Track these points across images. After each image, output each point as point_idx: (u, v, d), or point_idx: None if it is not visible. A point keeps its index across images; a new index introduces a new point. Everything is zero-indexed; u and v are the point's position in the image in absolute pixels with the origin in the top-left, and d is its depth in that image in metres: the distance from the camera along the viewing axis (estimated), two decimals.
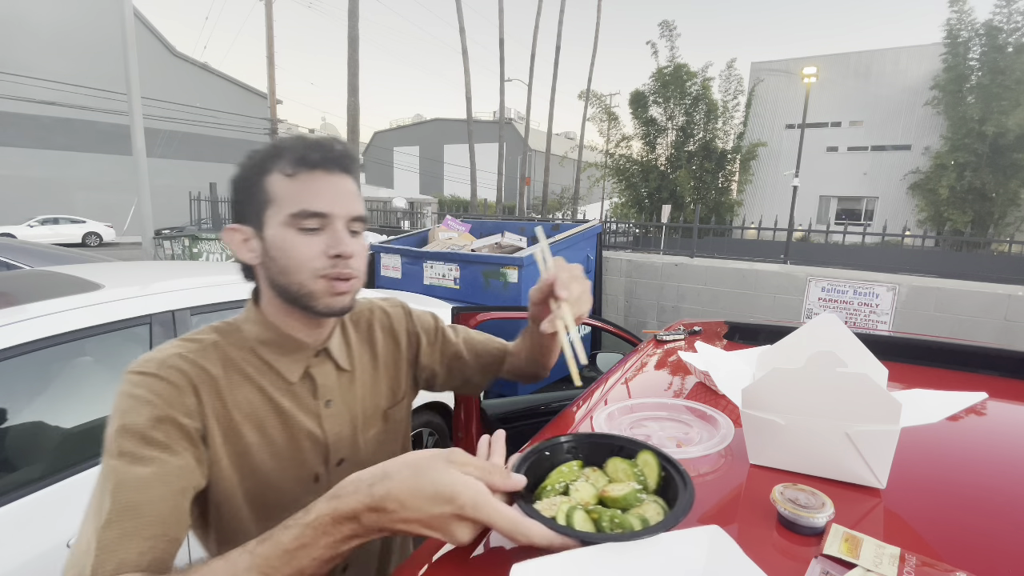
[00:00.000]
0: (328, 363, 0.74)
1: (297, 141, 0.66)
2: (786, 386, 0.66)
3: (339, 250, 0.64)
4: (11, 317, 1.28)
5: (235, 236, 0.67)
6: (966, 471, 0.71)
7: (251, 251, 0.67)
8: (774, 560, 0.51)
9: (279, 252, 0.64)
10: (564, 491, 0.56)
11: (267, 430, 0.67)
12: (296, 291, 0.65)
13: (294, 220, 0.63)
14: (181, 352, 0.63)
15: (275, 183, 0.64)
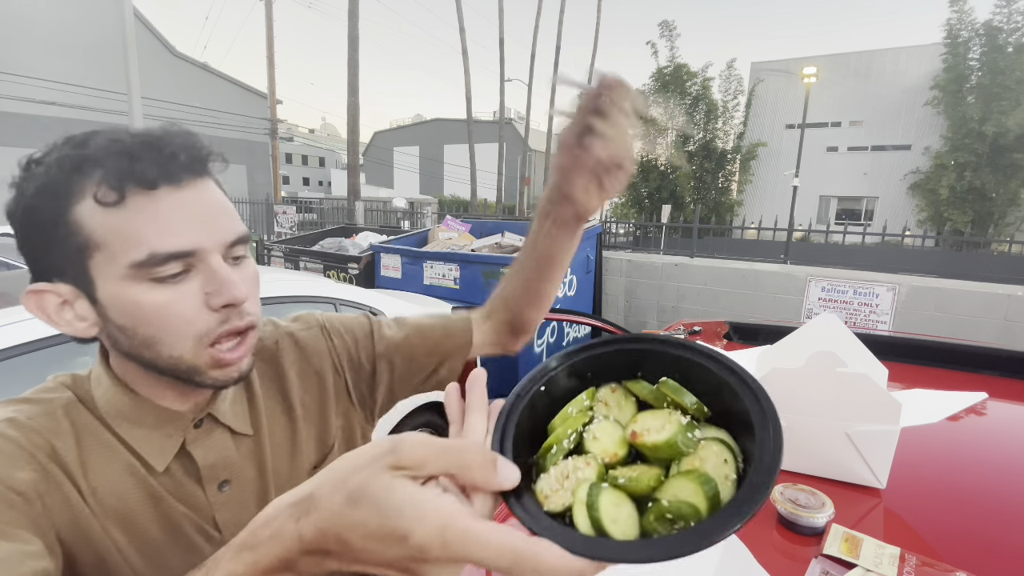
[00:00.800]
0: (217, 431, 0.52)
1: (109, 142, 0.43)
2: (786, 386, 0.66)
3: (227, 298, 0.44)
4: (11, 317, 1.28)
5: (45, 301, 0.45)
6: (966, 471, 0.71)
7: (80, 319, 0.45)
8: (774, 560, 0.51)
9: (130, 320, 0.43)
10: (576, 447, 0.35)
11: (141, 528, 0.47)
12: (173, 367, 0.45)
13: (141, 271, 0.42)
14: (13, 418, 0.44)
15: (91, 217, 0.41)
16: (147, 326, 0.43)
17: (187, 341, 0.44)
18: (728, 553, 0.45)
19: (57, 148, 0.43)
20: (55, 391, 0.49)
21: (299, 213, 9.80)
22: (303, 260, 5.29)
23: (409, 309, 2.60)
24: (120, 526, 0.46)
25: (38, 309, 0.45)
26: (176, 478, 0.49)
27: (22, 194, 0.43)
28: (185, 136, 0.47)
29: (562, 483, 0.32)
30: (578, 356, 0.41)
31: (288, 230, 9.06)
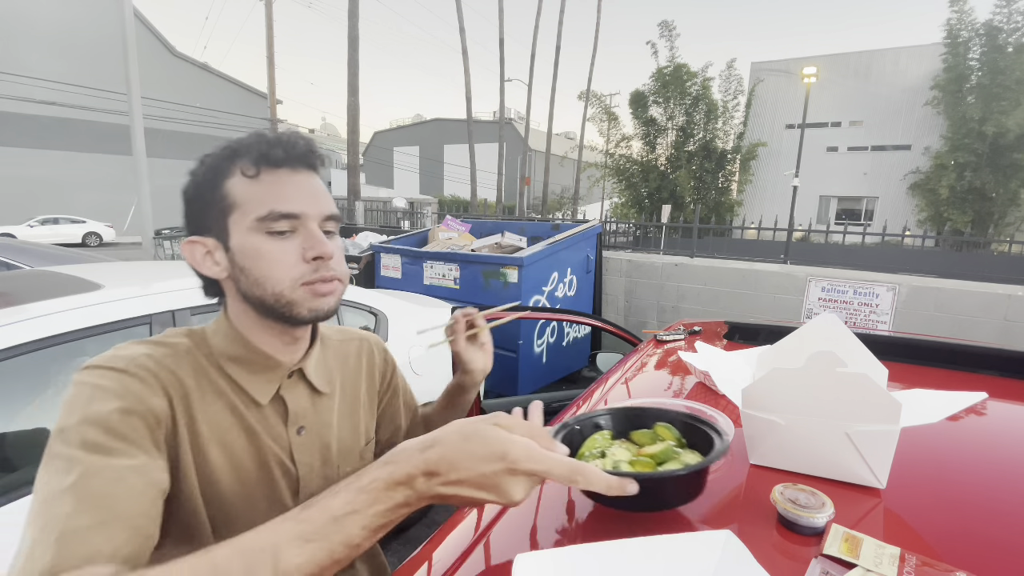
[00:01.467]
0: (302, 385, 0.66)
1: (256, 138, 0.60)
2: (786, 386, 0.66)
3: (318, 251, 0.58)
4: (11, 317, 1.28)
5: (195, 249, 0.60)
6: (966, 471, 0.71)
7: (216, 264, 0.60)
8: (774, 560, 0.51)
9: (250, 261, 0.58)
10: (601, 455, 0.61)
11: (236, 453, 0.59)
12: (274, 302, 0.58)
13: (262, 224, 0.57)
14: (150, 353, 0.57)
15: (236, 186, 0.58)
16: (260, 267, 0.58)
17: (285, 281, 0.58)
18: (727, 552, 0.45)
19: (222, 145, 0.61)
20: (177, 338, 0.62)
21: None
22: None
23: (409, 309, 2.60)
24: (221, 451, 0.58)
25: (190, 255, 0.61)
26: (268, 417, 0.63)
27: (195, 176, 0.60)
28: (305, 140, 0.62)
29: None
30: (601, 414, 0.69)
31: None
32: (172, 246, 6.37)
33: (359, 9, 9.79)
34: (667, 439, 0.64)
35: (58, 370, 1.38)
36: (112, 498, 0.45)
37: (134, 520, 0.46)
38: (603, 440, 0.65)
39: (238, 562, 0.40)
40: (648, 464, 0.58)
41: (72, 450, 0.47)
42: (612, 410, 0.70)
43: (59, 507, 0.44)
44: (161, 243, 6.56)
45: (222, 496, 0.58)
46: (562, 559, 0.46)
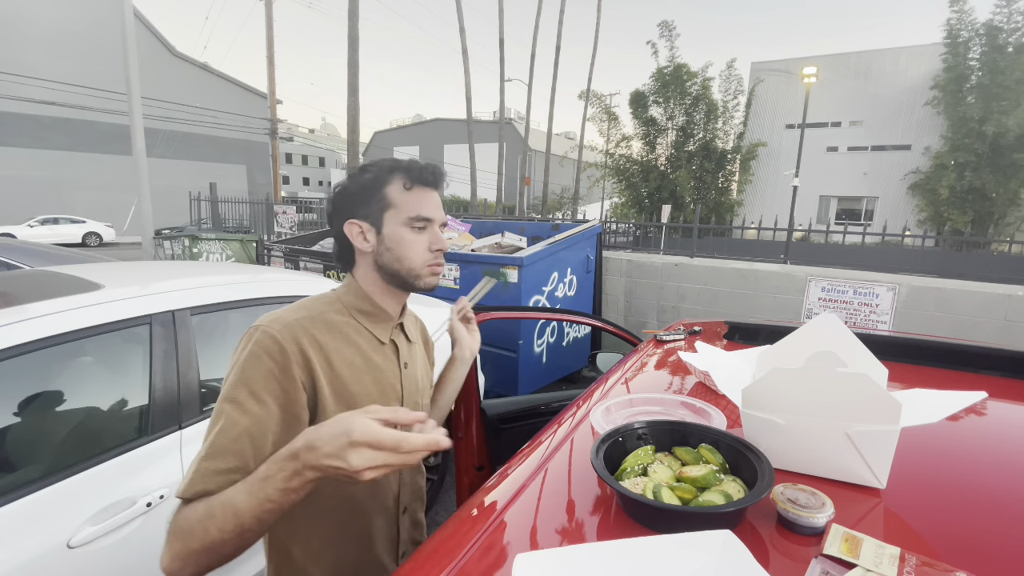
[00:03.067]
0: (402, 335, 0.92)
1: (412, 163, 0.84)
2: (786, 386, 0.66)
3: (441, 246, 0.86)
4: (11, 317, 1.28)
5: (354, 228, 0.84)
6: (966, 471, 0.71)
7: (367, 242, 0.84)
8: (774, 560, 0.51)
9: (397, 244, 0.83)
10: (643, 472, 0.63)
11: (365, 382, 0.82)
12: (406, 274, 0.84)
13: (410, 221, 0.82)
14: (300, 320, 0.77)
15: (395, 192, 0.83)
16: (403, 249, 0.83)
17: (418, 260, 0.84)
18: (727, 552, 0.45)
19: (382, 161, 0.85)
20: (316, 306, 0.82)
21: (299, 213, 9.78)
22: (303, 260, 5.29)
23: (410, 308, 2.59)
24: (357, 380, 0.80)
25: (349, 231, 0.84)
26: (388, 354, 0.88)
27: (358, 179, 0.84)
28: (439, 168, 0.86)
29: (634, 486, 0.59)
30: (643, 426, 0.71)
31: (288, 230, 9.05)
32: (172, 246, 6.36)
33: (359, 9, 9.78)
34: (711, 462, 0.64)
35: (58, 370, 1.39)
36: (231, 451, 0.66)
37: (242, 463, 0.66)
38: (645, 455, 0.65)
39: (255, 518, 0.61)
40: (689, 490, 0.58)
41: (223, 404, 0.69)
42: (655, 423, 0.71)
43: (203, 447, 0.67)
44: (161, 243, 6.55)
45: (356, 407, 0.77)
46: (562, 559, 0.46)
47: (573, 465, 0.74)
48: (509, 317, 1.70)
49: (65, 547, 1.19)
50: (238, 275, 1.95)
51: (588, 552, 0.46)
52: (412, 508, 0.93)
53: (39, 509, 1.18)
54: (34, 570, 1.14)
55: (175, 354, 1.51)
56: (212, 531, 0.60)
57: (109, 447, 1.34)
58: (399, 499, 0.89)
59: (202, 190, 11.25)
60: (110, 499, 1.28)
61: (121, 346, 1.48)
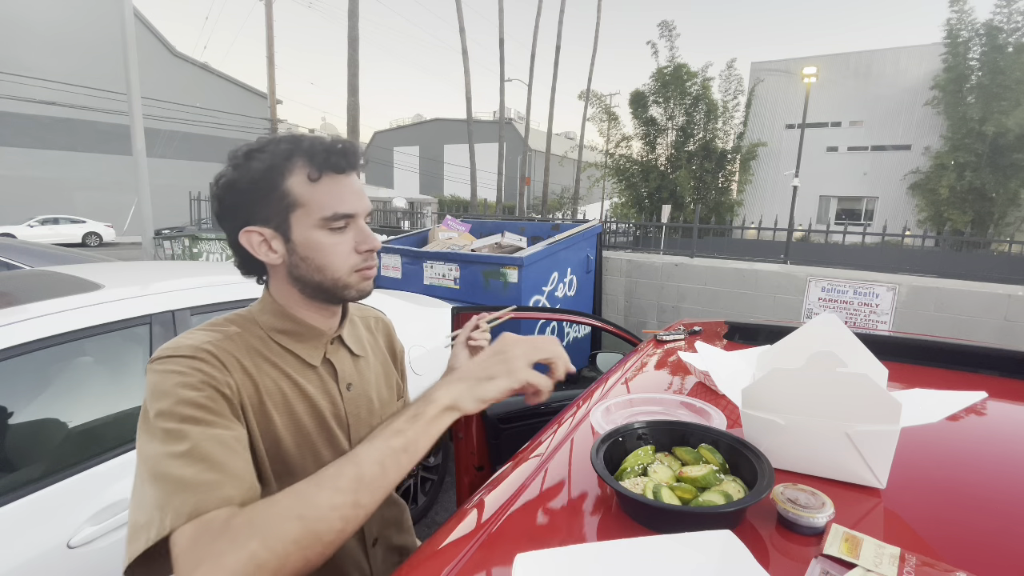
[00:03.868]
0: (342, 350, 0.78)
1: (315, 143, 0.66)
2: (786, 386, 0.66)
3: (370, 245, 0.70)
4: (11, 317, 1.28)
5: (252, 238, 0.67)
6: (966, 471, 0.71)
7: (272, 252, 0.68)
8: (774, 560, 0.51)
9: (313, 252, 0.67)
10: (643, 472, 0.62)
11: (296, 415, 0.69)
12: (331, 285, 0.69)
13: (325, 223, 0.66)
14: (209, 339, 0.65)
15: (298, 186, 0.65)
16: (322, 257, 0.67)
17: (343, 268, 0.69)
18: (727, 552, 0.45)
19: (274, 143, 0.67)
20: (225, 326, 0.69)
21: None
22: None
23: (409, 309, 2.60)
24: (282, 414, 0.68)
25: (247, 242, 0.67)
26: (322, 378, 0.73)
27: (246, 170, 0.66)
28: (355, 146, 0.70)
29: (634, 486, 0.59)
30: (643, 426, 0.70)
31: None
32: (172, 246, 6.36)
33: (359, 9, 9.79)
34: (711, 462, 0.64)
35: (58, 370, 1.38)
36: (223, 461, 0.54)
37: (242, 474, 0.55)
38: (645, 455, 0.65)
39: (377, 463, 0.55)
40: (689, 490, 0.59)
41: (178, 425, 0.55)
42: (655, 423, 0.71)
43: (184, 468, 0.52)
44: (161, 243, 6.55)
45: (285, 452, 0.68)
46: (562, 559, 0.46)
47: (573, 465, 0.74)
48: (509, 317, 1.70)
49: (65, 547, 1.19)
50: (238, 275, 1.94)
51: (588, 552, 0.46)
52: (385, 536, 0.82)
53: (39, 509, 1.18)
54: (34, 570, 1.14)
55: None
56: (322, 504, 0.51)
57: (109, 447, 1.34)
58: (364, 532, 0.78)
59: (202, 190, 11.24)
60: (110, 499, 1.28)
61: (121, 346, 1.48)
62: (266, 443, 0.66)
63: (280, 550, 0.48)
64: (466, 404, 0.61)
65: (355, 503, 0.53)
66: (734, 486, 0.59)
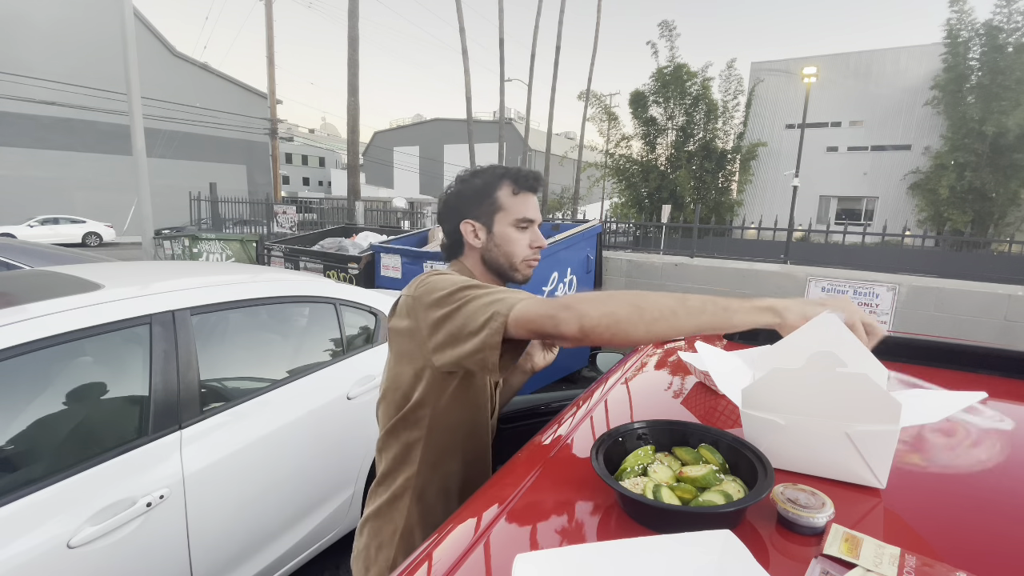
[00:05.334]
0: None
1: (519, 171, 0.98)
2: (786, 386, 0.66)
3: (540, 243, 1.00)
4: (11, 317, 1.28)
5: (468, 228, 0.97)
6: (966, 471, 0.71)
7: (478, 239, 0.97)
8: (774, 560, 0.51)
9: (505, 242, 0.97)
10: (643, 472, 0.63)
11: None
12: (508, 267, 0.98)
13: (517, 223, 0.97)
14: None
15: (504, 196, 0.97)
16: (510, 246, 0.97)
17: (519, 256, 0.98)
18: (728, 553, 0.45)
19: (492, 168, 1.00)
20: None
21: (299, 213, 9.79)
22: (303, 260, 5.29)
23: None
24: None
25: (464, 230, 0.98)
26: None
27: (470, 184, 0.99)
28: (539, 175, 1.00)
29: (634, 486, 0.59)
30: (643, 426, 0.71)
31: (288, 230, 9.05)
32: (172, 246, 6.36)
33: (359, 9, 9.79)
34: (711, 462, 0.64)
35: (58, 370, 1.39)
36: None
37: None
38: (645, 456, 0.66)
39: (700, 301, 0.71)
40: (689, 490, 0.59)
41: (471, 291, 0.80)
42: (655, 423, 0.72)
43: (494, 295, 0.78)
44: (161, 243, 6.55)
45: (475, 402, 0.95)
46: (562, 559, 0.46)
47: (573, 465, 0.74)
48: None
49: (65, 547, 1.19)
50: (238, 275, 1.95)
51: (588, 552, 0.46)
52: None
53: (39, 509, 1.18)
54: (34, 570, 1.14)
55: (175, 354, 1.51)
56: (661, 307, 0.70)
57: (109, 447, 1.34)
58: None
59: (202, 190, 11.25)
60: (110, 499, 1.28)
61: (121, 346, 1.48)
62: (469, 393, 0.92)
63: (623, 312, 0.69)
64: (790, 313, 0.71)
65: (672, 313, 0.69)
66: (734, 486, 0.59)
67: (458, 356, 0.78)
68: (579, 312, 0.70)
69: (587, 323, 0.69)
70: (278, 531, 1.74)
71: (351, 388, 2.01)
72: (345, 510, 2.01)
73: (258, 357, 1.88)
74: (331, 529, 1.98)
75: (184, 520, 1.43)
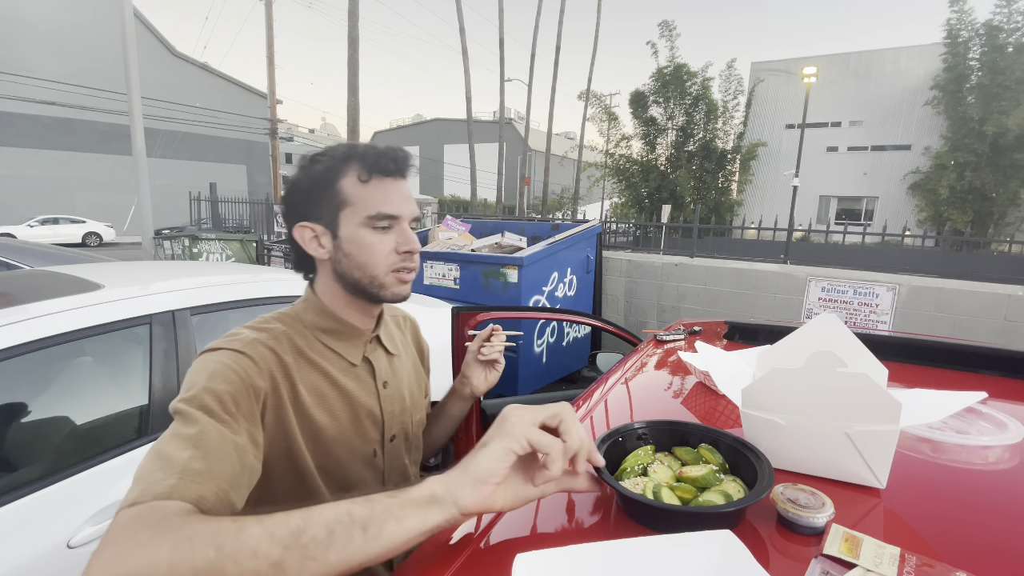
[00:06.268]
0: (379, 349, 0.82)
1: (368, 149, 0.72)
2: (786, 386, 0.66)
3: (410, 247, 0.73)
4: (11, 317, 1.28)
5: (305, 233, 0.73)
6: (966, 471, 0.71)
7: (321, 247, 0.73)
8: (774, 560, 0.51)
9: (356, 249, 0.71)
10: (643, 472, 0.62)
11: (334, 411, 0.73)
12: (368, 283, 0.73)
13: (369, 221, 0.71)
14: (260, 339, 0.69)
15: (349, 187, 0.71)
16: (363, 254, 0.71)
17: (382, 267, 0.72)
18: (727, 552, 0.45)
19: (334, 148, 0.73)
20: (272, 323, 0.73)
21: None
22: None
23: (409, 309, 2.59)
24: (321, 411, 0.71)
25: (299, 236, 0.73)
26: (360, 376, 0.77)
27: (308, 172, 0.72)
28: (404, 153, 0.75)
29: (634, 486, 0.59)
30: (643, 426, 0.70)
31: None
32: (172, 246, 6.35)
33: (359, 9, 9.79)
34: (711, 462, 0.64)
35: (58, 370, 1.39)
36: (216, 459, 0.54)
37: (228, 485, 0.54)
38: (645, 455, 0.65)
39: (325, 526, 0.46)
40: (689, 490, 0.59)
41: (194, 410, 0.57)
42: (655, 423, 0.71)
43: (181, 450, 0.53)
44: (161, 243, 6.55)
45: (325, 446, 0.72)
46: (562, 559, 0.46)
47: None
48: (509, 317, 1.70)
49: (65, 547, 1.19)
50: (238, 275, 1.95)
51: (588, 552, 0.46)
52: None
53: (39, 509, 1.18)
54: (34, 570, 1.14)
55: (175, 354, 1.51)
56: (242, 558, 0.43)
57: (109, 447, 1.34)
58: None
59: (202, 190, 11.25)
60: (110, 499, 1.28)
61: (121, 346, 1.48)
62: (305, 438, 0.70)
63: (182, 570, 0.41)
64: (460, 490, 0.50)
65: (278, 562, 0.43)
66: (734, 486, 0.59)
67: None
68: None
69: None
70: None
71: None
72: None
73: None
74: None
75: None
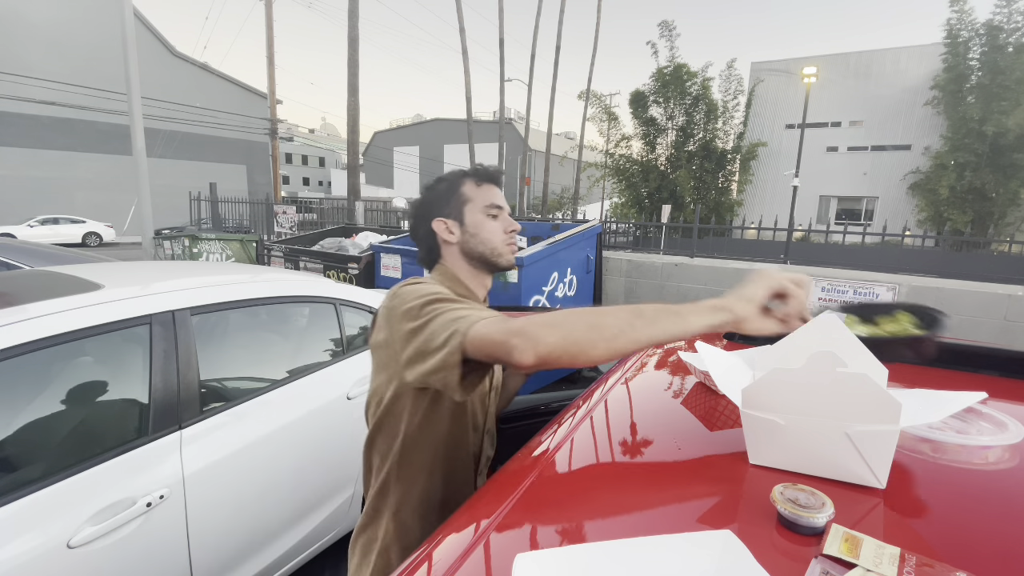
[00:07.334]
0: None
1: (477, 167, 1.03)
2: (786, 386, 0.66)
3: (513, 227, 1.02)
4: (11, 317, 1.28)
5: (441, 225, 0.99)
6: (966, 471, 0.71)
7: (452, 234, 0.99)
8: (774, 560, 0.51)
9: (479, 229, 0.98)
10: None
11: None
12: (490, 254, 0.99)
13: (486, 210, 0.99)
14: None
15: (469, 190, 1.00)
16: (485, 232, 0.99)
17: (498, 240, 1.00)
18: (727, 552, 0.45)
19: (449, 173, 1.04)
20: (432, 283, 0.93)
21: (299, 213, 9.78)
22: (303, 260, 5.29)
23: None
24: None
25: (437, 228, 0.99)
26: None
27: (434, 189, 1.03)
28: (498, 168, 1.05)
29: None
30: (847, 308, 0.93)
31: (288, 230, 9.05)
32: (172, 246, 6.36)
33: (359, 9, 9.79)
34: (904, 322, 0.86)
35: (58, 370, 1.39)
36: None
37: None
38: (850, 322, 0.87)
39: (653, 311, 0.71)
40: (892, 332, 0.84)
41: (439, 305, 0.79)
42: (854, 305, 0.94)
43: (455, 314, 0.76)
44: (161, 243, 6.55)
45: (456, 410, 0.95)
46: (562, 559, 0.46)
47: (573, 465, 0.74)
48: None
49: (65, 547, 1.19)
50: (238, 275, 1.95)
51: (588, 552, 0.46)
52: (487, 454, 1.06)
53: (39, 509, 1.18)
54: (34, 570, 1.14)
55: (175, 354, 1.51)
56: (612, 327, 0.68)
57: (109, 447, 1.34)
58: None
59: (202, 190, 11.25)
60: (110, 499, 1.28)
61: (121, 346, 1.48)
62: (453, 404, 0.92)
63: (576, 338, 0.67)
64: (736, 305, 0.73)
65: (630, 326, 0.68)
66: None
67: (422, 373, 0.76)
68: (534, 339, 0.66)
69: (543, 350, 0.66)
70: (278, 531, 1.74)
71: (351, 388, 2.01)
72: (345, 510, 2.01)
73: (258, 357, 1.88)
74: (331, 529, 1.98)
75: (184, 520, 1.43)
